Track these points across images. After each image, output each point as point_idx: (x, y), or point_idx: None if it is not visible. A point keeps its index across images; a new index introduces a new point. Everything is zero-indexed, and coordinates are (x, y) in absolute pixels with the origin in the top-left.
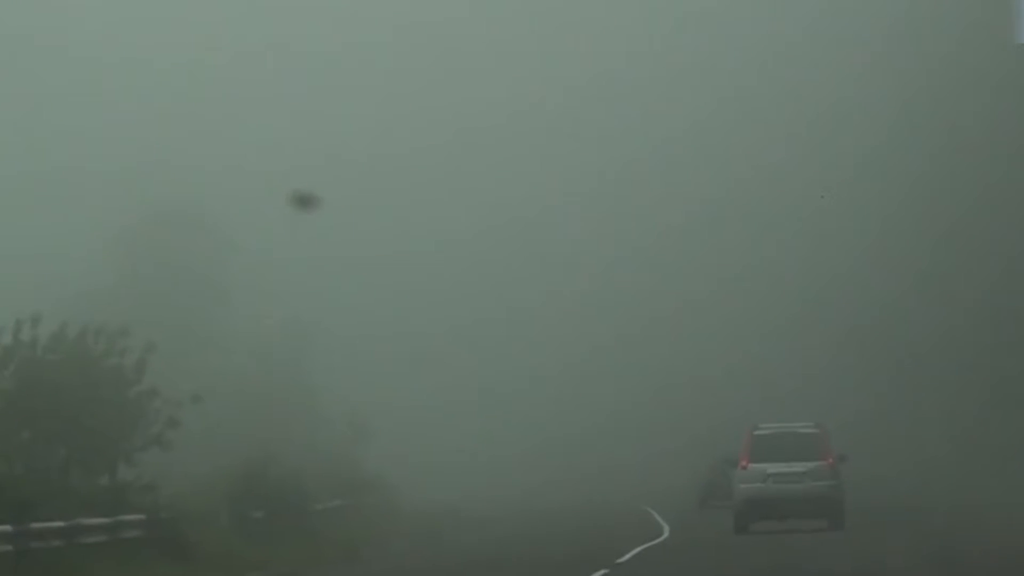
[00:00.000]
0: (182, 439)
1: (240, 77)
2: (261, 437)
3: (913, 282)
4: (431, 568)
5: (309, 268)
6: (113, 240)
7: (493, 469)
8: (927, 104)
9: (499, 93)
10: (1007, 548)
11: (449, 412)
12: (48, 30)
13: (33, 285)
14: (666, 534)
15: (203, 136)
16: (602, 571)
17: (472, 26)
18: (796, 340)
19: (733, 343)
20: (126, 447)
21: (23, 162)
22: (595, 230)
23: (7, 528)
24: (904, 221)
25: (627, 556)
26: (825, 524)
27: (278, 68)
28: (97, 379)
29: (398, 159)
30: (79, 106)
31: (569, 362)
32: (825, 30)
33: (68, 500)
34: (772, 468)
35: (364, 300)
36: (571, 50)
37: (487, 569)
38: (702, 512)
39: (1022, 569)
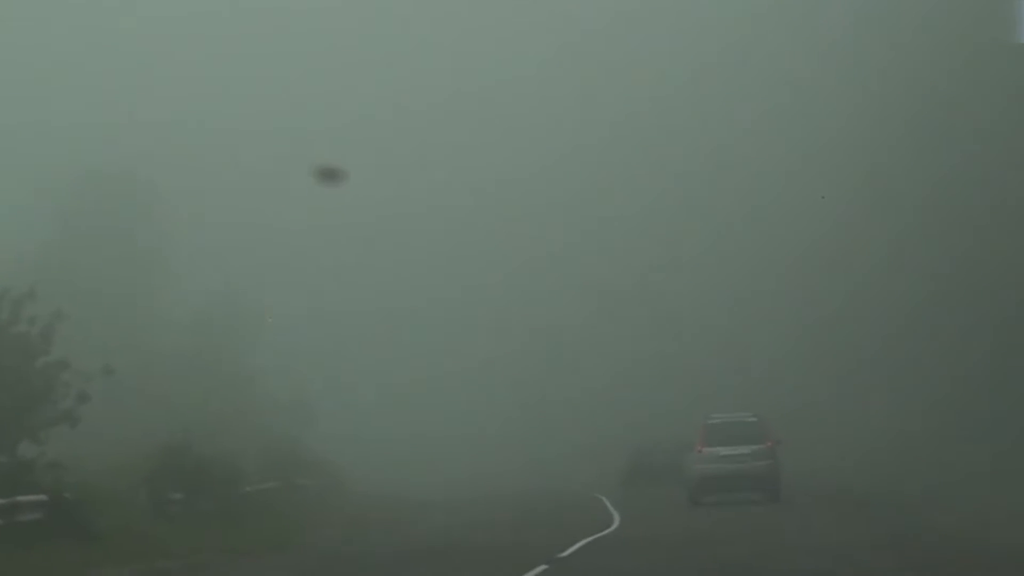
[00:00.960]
0: (108, 416)
1: (175, 32)
2: (189, 414)
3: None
4: (363, 557)
5: (256, 239)
6: (43, 201)
7: (445, 453)
8: (921, 102)
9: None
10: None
11: (400, 393)
12: None
13: None
14: (616, 524)
15: (141, 93)
16: (541, 567)
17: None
18: (740, 336)
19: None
20: (30, 422)
21: None
22: (552, 216)
23: None
24: (902, 220)
25: (571, 550)
26: (763, 496)
27: (208, 23)
28: None
29: (353, 125)
30: (11, 63)
31: (526, 345)
32: (824, 29)
33: None
34: (723, 451)
35: (309, 275)
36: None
37: (419, 559)
38: (627, 490)
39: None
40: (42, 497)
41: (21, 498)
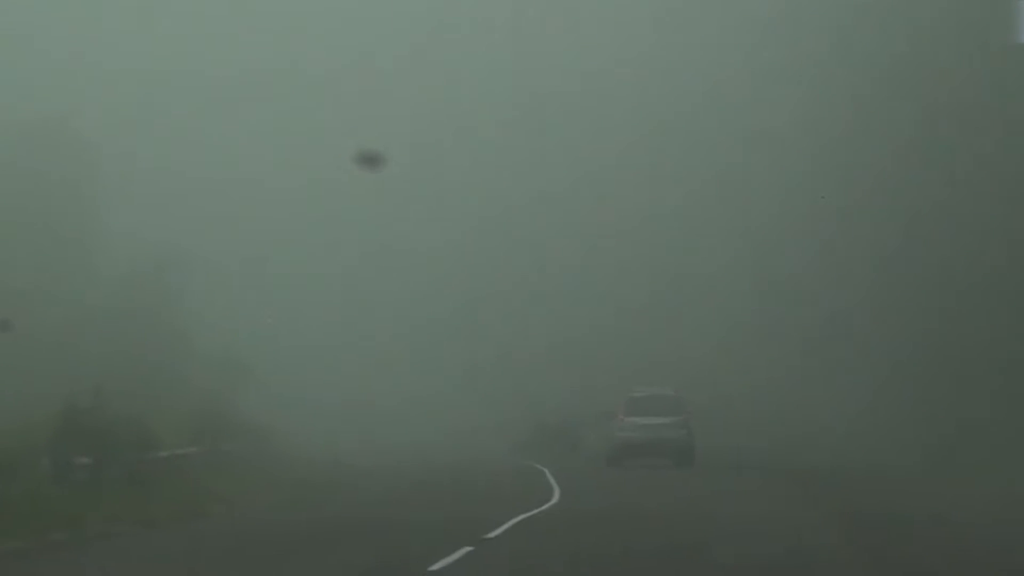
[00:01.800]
0: (14, 374)
1: None
2: (110, 372)
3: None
4: (275, 532)
5: (190, 192)
6: None
7: (388, 417)
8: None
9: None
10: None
11: (338, 357)
12: None
13: None
14: (555, 499)
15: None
16: (465, 548)
17: None
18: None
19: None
20: None
21: None
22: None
23: None
24: (897, 222)
25: (500, 529)
26: (676, 462)
27: None
28: None
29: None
30: None
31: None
32: (822, 29)
33: None
34: (641, 420)
35: (249, 230)
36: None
37: (335, 535)
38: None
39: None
40: None
41: None
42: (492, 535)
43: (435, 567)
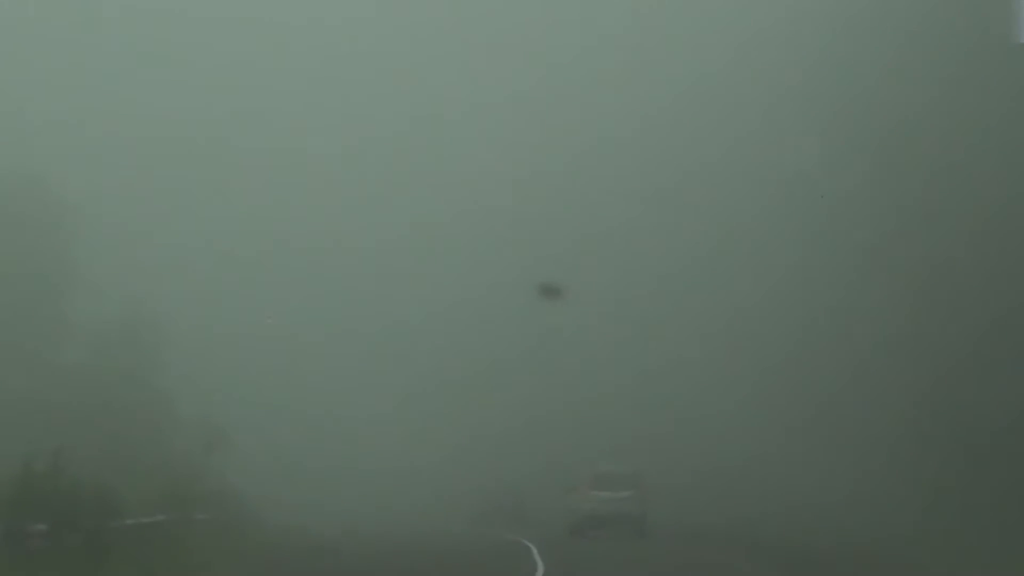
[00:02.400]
0: None
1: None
2: (76, 434)
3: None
4: None
5: (167, 253)
6: None
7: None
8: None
9: None
10: None
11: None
12: None
13: None
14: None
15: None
16: None
17: None
18: None
19: None
20: None
21: None
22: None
23: None
24: (892, 223)
25: None
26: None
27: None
28: None
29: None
30: None
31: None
32: (821, 28)
33: None
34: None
35: (226, 292)
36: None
37: None
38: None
39: None
40: None
41: None
42: None
43: None
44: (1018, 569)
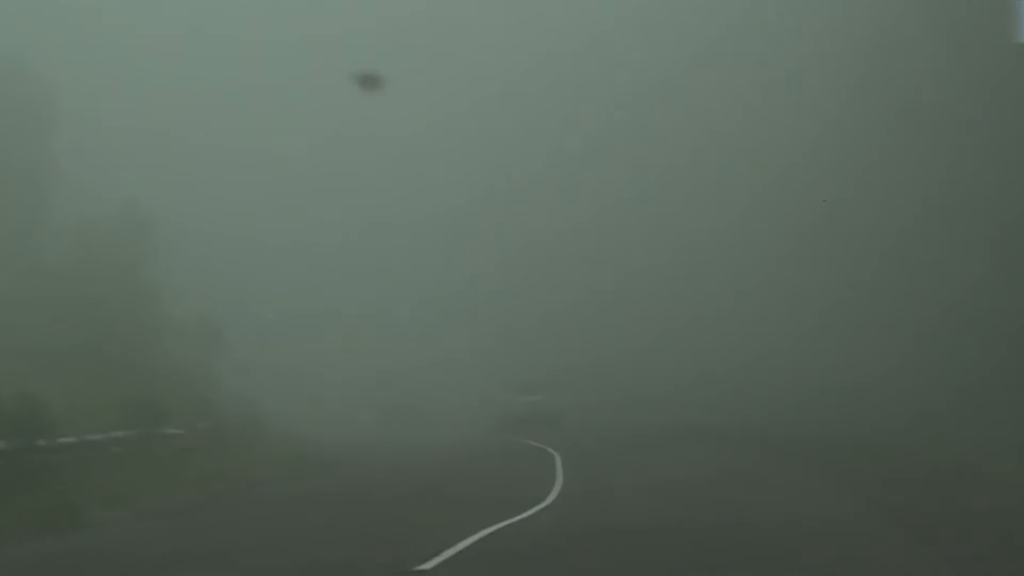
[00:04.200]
0: None
1: None
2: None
3: None
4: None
5: (157, 150)
6: None
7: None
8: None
9: None
10: None
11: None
12: None
13: None
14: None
15: None
16: None
17: None
18: None
19: None
20: None
21: None
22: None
23: None
24: (891, 223)
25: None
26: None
27: None
28: None
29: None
30: None
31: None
32: (820, 27)
33: None
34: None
35: (219, 194)
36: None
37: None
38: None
39: None
40: None
41: None
42: (427, 567)
43: None
44: None
